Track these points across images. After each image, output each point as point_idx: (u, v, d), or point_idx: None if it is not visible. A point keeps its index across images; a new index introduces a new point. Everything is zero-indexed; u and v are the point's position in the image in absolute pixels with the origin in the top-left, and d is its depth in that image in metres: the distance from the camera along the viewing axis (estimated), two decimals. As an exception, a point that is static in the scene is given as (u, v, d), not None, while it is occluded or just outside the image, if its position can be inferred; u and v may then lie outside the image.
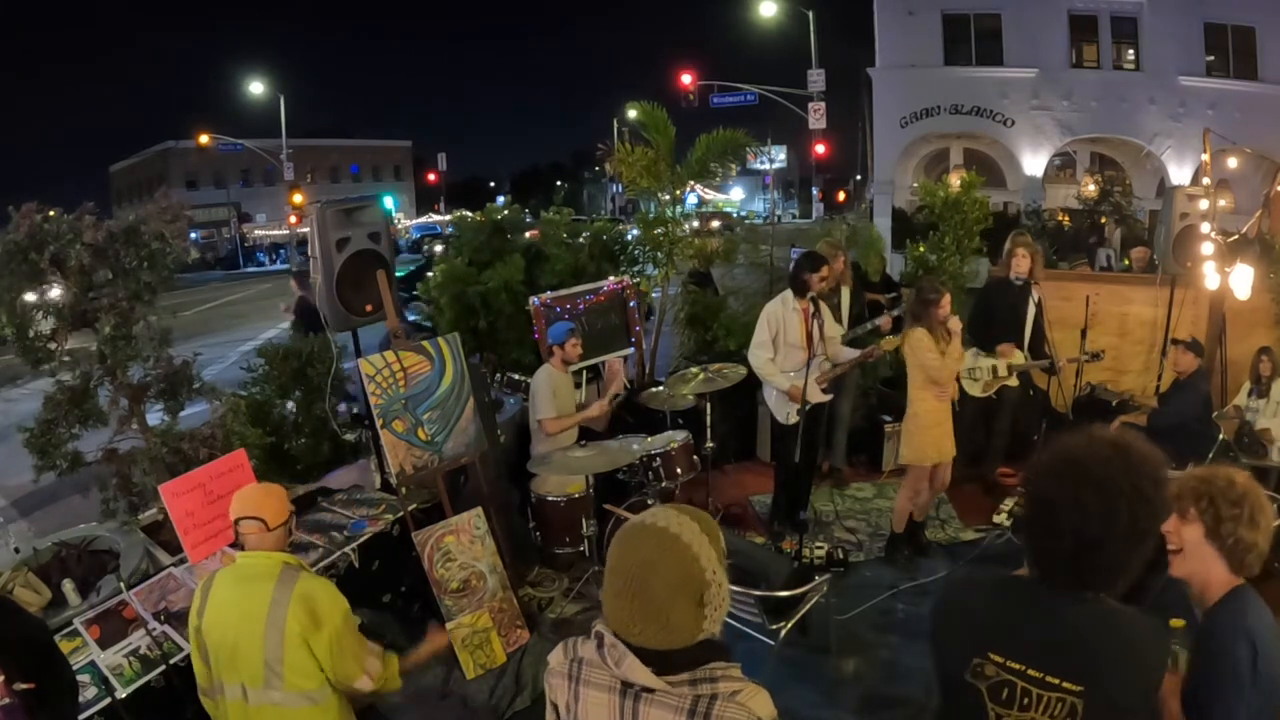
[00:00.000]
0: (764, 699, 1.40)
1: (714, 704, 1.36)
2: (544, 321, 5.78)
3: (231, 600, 2.21)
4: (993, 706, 1.56)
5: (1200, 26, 16.12)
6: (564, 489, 4.59)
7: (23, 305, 3.75)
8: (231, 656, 2.19)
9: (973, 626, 1.63)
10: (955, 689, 1.62)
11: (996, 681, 1.55)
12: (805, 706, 3.52)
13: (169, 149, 41.73)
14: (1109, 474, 1.43)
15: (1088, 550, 1.44)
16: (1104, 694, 1.46)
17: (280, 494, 2.40)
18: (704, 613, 1.38)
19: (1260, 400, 5.29)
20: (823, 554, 4.70)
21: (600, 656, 1.44)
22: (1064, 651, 1.50)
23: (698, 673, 1.39)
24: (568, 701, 1.51)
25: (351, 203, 4.16)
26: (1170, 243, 5.78)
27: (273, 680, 2.12)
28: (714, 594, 1.39)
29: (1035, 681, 1.51)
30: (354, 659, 2.23)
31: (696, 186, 7.98)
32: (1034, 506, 1.55)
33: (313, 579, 2.28)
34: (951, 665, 1.62)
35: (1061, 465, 1.49)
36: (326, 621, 2.17)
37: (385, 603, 4.16)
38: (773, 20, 20.41)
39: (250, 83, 28.36)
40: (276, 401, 5.09)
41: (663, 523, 1.41)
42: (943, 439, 4.51)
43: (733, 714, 1.36)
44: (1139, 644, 1.50)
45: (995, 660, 1.56)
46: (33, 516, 5.56)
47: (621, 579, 1.40)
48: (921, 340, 4.40)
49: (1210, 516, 1.76)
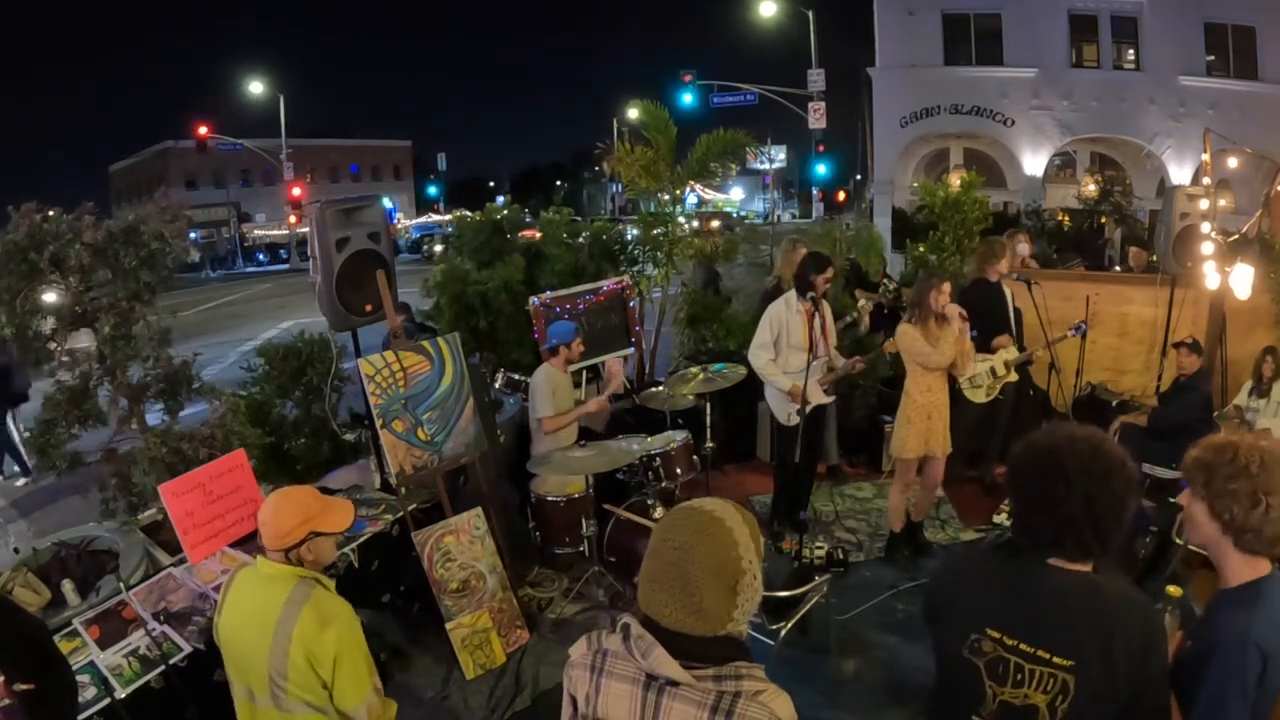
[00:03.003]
0: (786, 702, 1.41)
1: (737, 701, 1.36)
2: (544, 321, 5.77)
3: (246, 605, 2.18)
4: (990, 683, 1.59)
5: (1200, 26, 16.13)
6: (564, 489, 4.59)
7: (23, 305, 3.74)
8: (241, 660, 2.18)
9: (972, 601, 1.67)
10: (952, 666, 1.65)
11: (993, 658, 1.59)
12: (805, 706, 3.45)
13: (168, 149, 41.72)
14: (1076, 460, 1.56)
15: (1067, 527, 1.55)
16: (1094, 670, 1.49)
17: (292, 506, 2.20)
18: (736, 601, 1.39)
19: (1261, 400, 5.29)
20: (823, 554, 4.69)
21: (626, 648, 1.43)
22: (1055, 626, 1.54)
23: (723, 669, 1.39)
24: (588, 693, 1.49)
25: (351, 202, 4.16)
26: (1170, 243, 5.78)
27: (277, 691, 2.10)
28: (748, 584, 1.40)
29: (1029, 657, 1.55)
30: (355, 686, 2.13)
31: (696, 186, 7.98)
32: (1015, 493, 1.69)
33: (328, 597, 2.18)
34: (950, 641, 1.65)
35: (1036, 453, 1.63)
36: (333, 641, 2.09)
37: (385, 603, 4.16)
38: (773, 20, 20.45)
39: (250, 83, 28.40)
40: (276, 401, 5.08)
41: (709, 507, 1.45)
42: (931, 434, 4.50)
43: (755, 713, 1.36)
44: (1126, 621, 1.53)
45: (993, 636, 1.59)
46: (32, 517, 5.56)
47: (661, 560, 1.42)
48: (906, 333, 4.43)
49: (1210, 495, 1.65)
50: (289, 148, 29.68)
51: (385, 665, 3.83)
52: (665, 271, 6.93)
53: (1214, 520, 1.65)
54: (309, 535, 2.17)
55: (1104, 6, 16.90)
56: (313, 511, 2.19)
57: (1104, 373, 6.38)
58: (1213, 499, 1.64)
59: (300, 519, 2.16)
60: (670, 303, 7.09)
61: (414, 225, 43.15)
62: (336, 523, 2.24)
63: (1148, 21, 16.63)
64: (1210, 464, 1.66)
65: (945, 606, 1.73)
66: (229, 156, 36.08)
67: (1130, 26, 16.98)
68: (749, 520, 1.46)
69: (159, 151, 42.64)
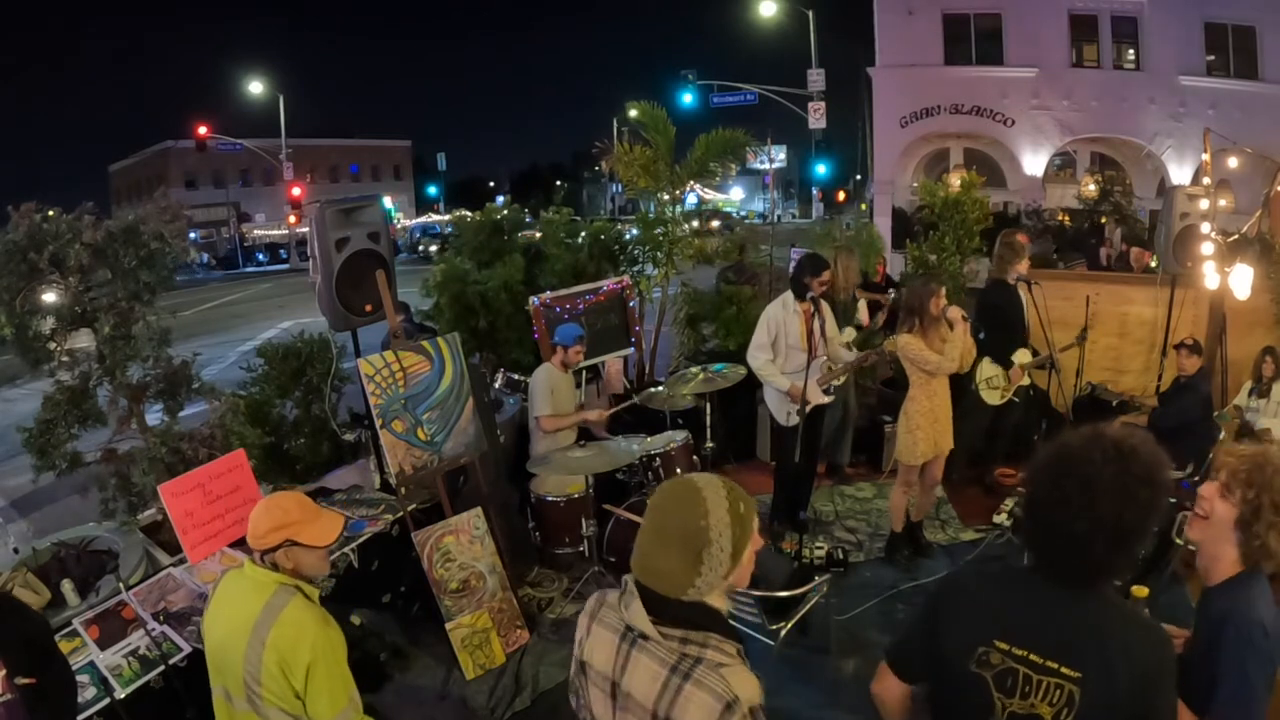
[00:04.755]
0: (748, 680, 1.44)
1: (696, 667, 1.43)
2: (544, 321, 5.77)
3: (229, 606, 2.16)
4: (998, 696, 1.56)
5: (1200, 26, 16.10)
6: (564, 489, 4.59)
7: (23, 305, 3.74)
8: (219, 660, 2.16)
9: (978, 614, 1.63)
10: (958, 682, 1.61)
11: (1002, 670, 1.56)
12: (805, 706, 3.51)
13: (168, 149, 41.69)
14: (1099, 473, 1.43)
15: (1076, 546, 1.46)
16: (1100, 684, 1.47)
17: (271, 510, 2.16)
18: (699, 570, 1.45)
19: (1261, 400, 5.29)
20: (823, 554, 4.69)
21: (617, 600, 1.56)
22: (1065, 639, 1.52)
23: (693, 635, 1.46)
24: (581, 637, 1.65)
25: (351, 202, 4.16)
26: (1170, 242, 5.78)
27: (252, 696, 2.07)
28: (713, 555, 1.46)
29: (1036, 667, 1.52)
30: (329, 698, 2.05)
31: (696, 186, 7.97)
32: (1028, 502, 1.58)
33: (306, 606, 2.11)
34: (954, 656, 1.62)
35: (1053, 462, 1.51)
36: (306, 651, 2.03)
37: (385, 603, 4.16)
38: (773, 20, 20.44)
39: (250, 82, 28.39)
40: (276, 401, 5.08)
41: (697, 480, 1.52)
42: (937, 436, 4.51)
43: (711, 683, 1.41)
44: (1136, 642, 1.50)
45: (1001, 647, 1.56)
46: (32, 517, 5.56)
47: (645, 520, 1.54)
48: (910, 344, 4.40)
49: (1249, 510, 1.67)
50: (289, 147, 29.66)
51: (385, 665, 3.83)
52: (665, 271, 6.93)
53: (1239, 530, 1.68)
54: (284, 542, 2.11)
55: (1104, 6, 16.88)
56: (291, 519, 2.13)
57: (1104, 373, 6.38)
58: (1254, 519, 1.65)
59: (275, 524, 2.11)
60: (670, 303, 7.09)
61: (413, 225, 43.15)
62: (315, 536, 2.16)
63: (1148, 21, 16.61)
64: (1261, 488, 1.66)
65: (949, 619, 1.67)
66: (229, 156, 36.04)
67: (1130, 26, 16.96)
68: (736, 498, 1.50)
69: (159, 151, 42.61)
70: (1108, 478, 1.41)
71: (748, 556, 1.51)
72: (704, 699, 1.40)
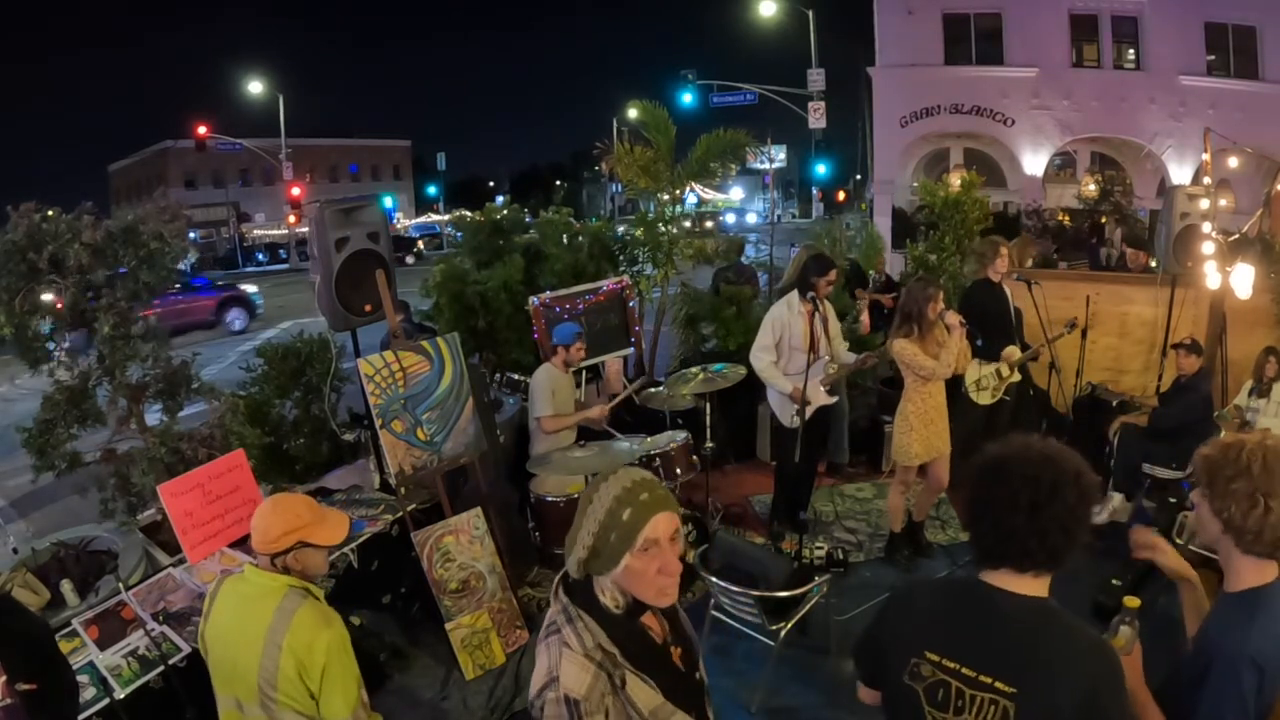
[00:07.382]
0: (579, 673, 1.45)
1: (551, 635, 1.52)
2: (543, 321, 5.77)
3: (234, 614, 2.15)
4: (929, 710, 1.53)
5: (1201, 26, 16.10)
6: (563, 489, 4.58)
7: (22, 305, 3.74)
8: (228, 670, 2.14)
9: (914, 625, 1.62)
10: (894, 694, 1.60)
11: (932, 682, 1.53)
12: (805, 706, 3.51)
13: (168, 149, 41.67)
14: (1036, 474, 1.51)
15: (1025, 538, 1.50)
16: (1038, 701, 1.43)
17: (282, 513, 2.16)
18: (572, 545, 1.54)
19: (1261, 400, 5.28)
20: (822, 554, 4.69)
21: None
22: (1001, 651, 1.49)
23: (570, 609, 1.53)
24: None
25: (350, 202, 4.15)
26: (1171, 242, 5.77)
27: (266, 702, 2.06)
28: (582, 538, 1.51)
29: (969, 681, 1.49)
30: (343, 697, 2.08)
31: (696, 186, 7.97)
32: (973, 503, 1.62)
33: (318, 607, 2.14)
34: (892, 668, 1.60)
35: (997, 467, 1.56)
36: (322, 651, 2.05)
37: (384, 603, 4.16)
38: (773, 20, 20.38)
39: (249, 82, 28.28)
40: (275, 401, 5.08)
41: (634, 473, 1.56)
42: (932, 438, 4.51)
43: (547, 656, 1.49)
44: (1076, 658, 1.45)
45: (931, 659, 1.54)
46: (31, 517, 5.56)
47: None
48: (905, 349, 4.40)
49: (1210, 491, 1.64)
50: (288, 147, 29.58)
51: (385, 665, 3.83)
52: (665, 271, 6.92)
53: (1216, 520, 1.63)
54: (297, 544, 2.12)
55: (1104, 6, 16.87)
56: (303, 521, 2.14)
57: (1104, 373, 6.37)
58: (1215, 499, 1.62)
59: (288, 527, 2.11)
60: (670, 303, 7.09)
61: (413, 225, 43.16)
62: (327, 536, 2.18)
63: (1148, 21, 16.60)
64: (1214, 463, 1.63)
65: (889, 633, 1.66)
66: (228, 156, 36.02)
67: (1130, 26, 16.95)
68: (640, 486, 1.51)
69: (158, 151, 42.59)
70: (1046, 480, 1.49)
71: (630, 561, 1.48)
72: (541, 664, 1.50)
